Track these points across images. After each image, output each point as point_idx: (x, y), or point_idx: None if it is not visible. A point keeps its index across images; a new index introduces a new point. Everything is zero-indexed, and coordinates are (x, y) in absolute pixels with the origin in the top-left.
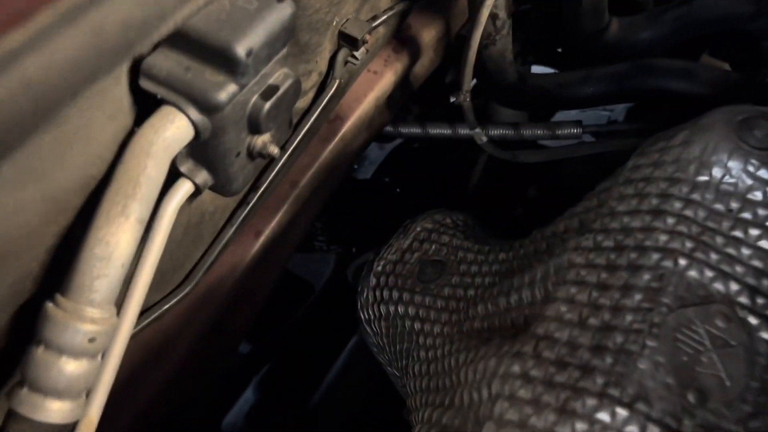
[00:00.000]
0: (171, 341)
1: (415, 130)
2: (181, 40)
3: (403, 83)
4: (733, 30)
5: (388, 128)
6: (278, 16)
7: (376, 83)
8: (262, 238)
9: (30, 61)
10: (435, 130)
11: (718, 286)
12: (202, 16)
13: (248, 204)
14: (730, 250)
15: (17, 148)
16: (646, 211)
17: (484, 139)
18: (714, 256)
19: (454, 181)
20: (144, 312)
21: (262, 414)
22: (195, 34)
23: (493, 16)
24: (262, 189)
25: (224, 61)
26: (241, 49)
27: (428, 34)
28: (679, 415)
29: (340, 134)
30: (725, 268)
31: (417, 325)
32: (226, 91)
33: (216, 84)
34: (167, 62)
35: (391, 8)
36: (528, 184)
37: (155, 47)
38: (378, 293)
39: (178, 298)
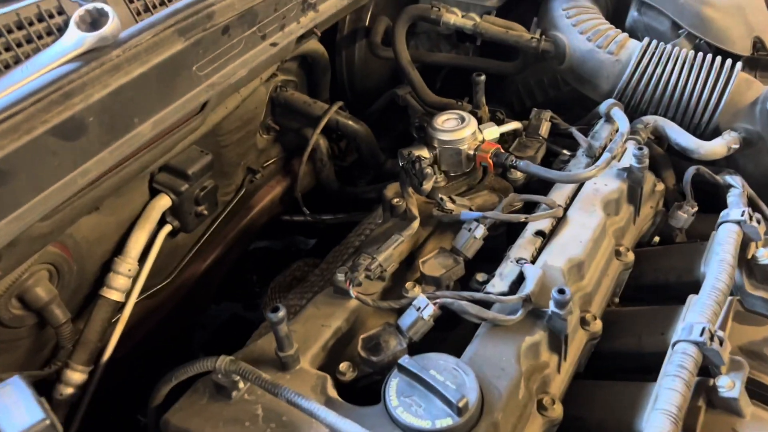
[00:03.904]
0: (159, 306)
1: (299, 217)
2: (167, 168)
3: (289, 191)
4: None
5: (286, 217)
6: (205, 160)
7: (271, 191)
8: (207, 263)
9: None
10: (298, 217)
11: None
12: (178, 158)
13: (198, 243)
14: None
15: (110, 201)
16: (356, 235)
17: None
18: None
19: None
20: (148, 288)
21: None
22: (173, 165)
23: (320, 160)
24: (206, 236)
25: (183, 175)
26: (190, 171)
27: (302, 169)
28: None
29: (249, 216)
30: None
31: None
32: (183, 187)
33: (179, 183)
34: (162, 176)
35: (276, 157)
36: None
37: (159, 170)
38: (271, 296)
39: (164, 283)
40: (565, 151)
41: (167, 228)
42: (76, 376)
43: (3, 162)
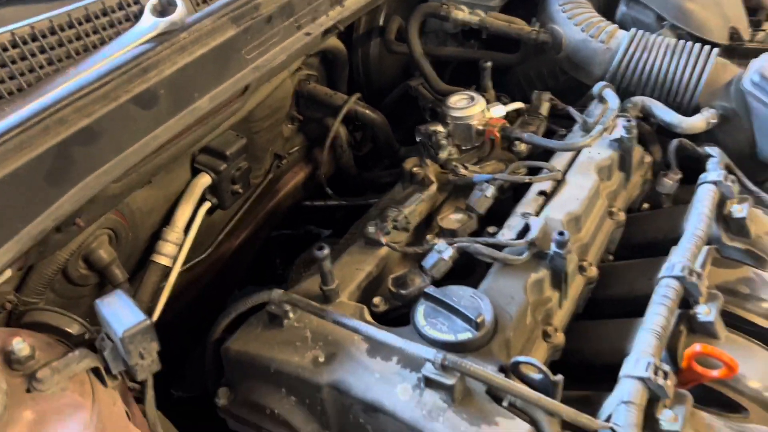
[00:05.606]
0: (197, 279)
1: (320, 202)
2: (208, 149)
3: (311, 178)
4: None
5: (307, 202)
6: (241, 143)
7: (295, 176)
8: (239, 239)
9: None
10: (318, 202)
11: None
12: (216, 141)
13: (232, 221)
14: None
15: (159, 176)
16: (377, 209)
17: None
18: None
19: None
20: (189, 261)
21: None
22: (212, 147)
23: (340, 147)
24: (239, 215)
25: (222, 156)
26: (228, 152)
27: (324, 156)
28: None
29: (276, 198)
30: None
31: None
32: (222, 166)
33: (219, 164)
34: (203, 157)
35: (299, 146)
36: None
37: (200, 151)
38: (296, 271)
39: (201, 257)
40: (563, 130)
41: (207, 205)
42: None
43: (96, 123)
